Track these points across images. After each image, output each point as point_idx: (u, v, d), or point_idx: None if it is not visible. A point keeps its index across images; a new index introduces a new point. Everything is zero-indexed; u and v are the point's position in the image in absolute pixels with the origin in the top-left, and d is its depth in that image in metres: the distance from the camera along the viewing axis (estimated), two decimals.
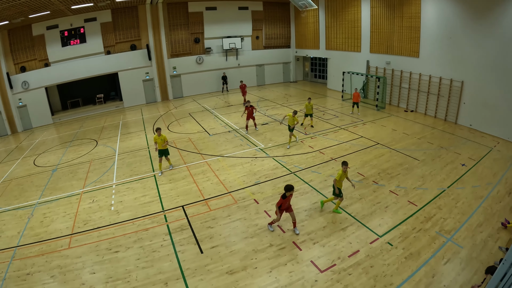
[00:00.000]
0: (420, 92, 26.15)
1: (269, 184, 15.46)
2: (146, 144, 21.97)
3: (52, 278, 10.05)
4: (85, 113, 33.63)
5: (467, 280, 9.27)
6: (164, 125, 26.61)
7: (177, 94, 38.34)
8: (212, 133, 23.63)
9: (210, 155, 19.24)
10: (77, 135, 26.04)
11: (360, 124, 24.16)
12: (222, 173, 16.78)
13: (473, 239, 10.98)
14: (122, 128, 26.78)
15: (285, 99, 34.29)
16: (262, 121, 25.62)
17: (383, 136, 21.22)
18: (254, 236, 11.71)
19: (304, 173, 16.38)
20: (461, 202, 13.20)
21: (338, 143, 20.24)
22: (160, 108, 33.87)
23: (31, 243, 11.89)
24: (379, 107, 28.20)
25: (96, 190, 15.81)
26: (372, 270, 9.90)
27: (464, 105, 22.71)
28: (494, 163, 16.57)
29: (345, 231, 11.72)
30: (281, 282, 9.59)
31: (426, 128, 22.65)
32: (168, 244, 11.47)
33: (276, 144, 20.69)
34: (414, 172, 16.00)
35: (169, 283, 9.70)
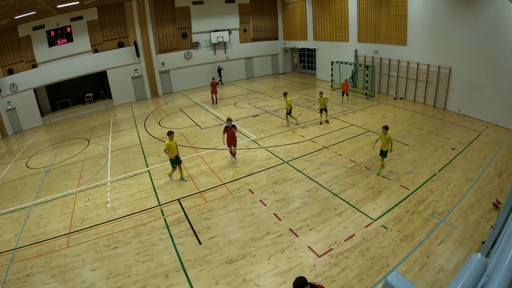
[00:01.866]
0: (409, 79, 26.34)
1: (263, 174, 15.58)
2: (139, 141, 21.97)
3: (52, 278, 10.07)
4: (75, 113, 33.44)
5: (462, 259, 9.47)
6: (155, 121, 26.61)
7: (166, 90, 38.28)
8: (204, 126, 23.71)
9: (203, 148, 19.30)
10: (68, 135, 25.91)
11: (350, 112, 24.35)
12: (215, 166, 16.88)
13: (466, 219, 11.20)
14: (113, 126, 26.69)
15: (274, 90, 34.41)
16: (253, 112, 25.73)
17: (373, 123, 21.41)
18: (251, 225, 11.83)
19: (297, 162, 16.52)
20: (452, 185, 13.41)
21: (329, 132, 20.40)
22: (150, 104, 33.81)
23: (29, 244, 11.88)
24: (368, 95, 28.38)
25: (91, 188, 15.79)
26: (369, 252, 10.07)
27: (452, 91, 22.90)
28: (483, 146, 16.80)
29: (340, 217, 11.87)
30: (280, 268, 9.73)
31: (415, 114, 22.85)
32: (167, 237, 11.54)
33: (268, 135, 20.82)
34: (405, 157, 16.21)
35: (169, 275, 9.79)
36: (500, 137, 17.95)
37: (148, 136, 22.87)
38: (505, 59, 18.63)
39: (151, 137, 22.55)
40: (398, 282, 2.73)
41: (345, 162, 16.14)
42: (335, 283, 9.04)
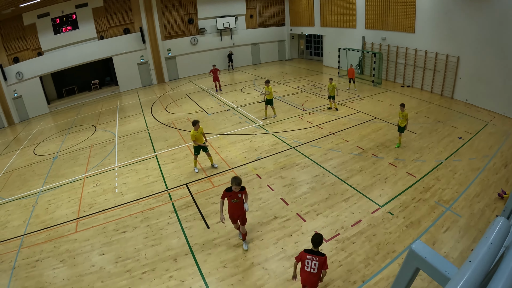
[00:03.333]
0: (416, 67, 26.02)
1: (270, 159, 15.57)
2: (145, 127, 21.98)
3: (61, 262, 10.16)
4: (81, 100, 33.49)
5: (466, 247, 9.49)
6: (162, 106, 26.61)
7: (172, 76, 38.19)
8: (211, 112, 23.66)
9: (210, 133, 19.25)
10: (75, 122, 25.99)
11: (357, 99, 24.18)
12: (223, 151, 16.90)
13: (471, 208, 11.18)
14: (119, 112, 26.74)
15: (281, 76, 34.22)
16: (259, 98, 25.60)
17: (380, 110, 21.26)
18: (258, 210, 11.88)
19: (304, 148, 16.48)
20: (459, 174, 13.36)
21: (336, 118, 20.30)
22: (156, 90, 33.80)
23: (37, 230, 11.97)
24: (375, 82, 28.13)
25: (99, 174, 15.86)
26: (375, 238, 10.11)
27: (460, 80, 22.60)
28: (489, 136, 16.64)
29: (347, 202, 11.88)
30: (288, 252, 9.78)
31: (422, 102, 22.66)
32: (175, 221, 11.61)
33: (274, 120, 20.76)
34: (412, 145, 16.12)
35: (178, 259, 9.85)
36: (507, 128, 17.74)
37: (155, 122, 22.87)
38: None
39: (158, 123, 22.55)
40: (422, 249, 2.76)
41: (352, 148, 16.10)
42: (342, 268, 9.09)
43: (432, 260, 2.75)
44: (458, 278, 1.94)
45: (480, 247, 2.11)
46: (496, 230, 2.22)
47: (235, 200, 9.23)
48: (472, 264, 2.00)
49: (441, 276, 2.67)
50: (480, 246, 2.12)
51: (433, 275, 2.76)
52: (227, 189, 9.17)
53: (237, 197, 9.18)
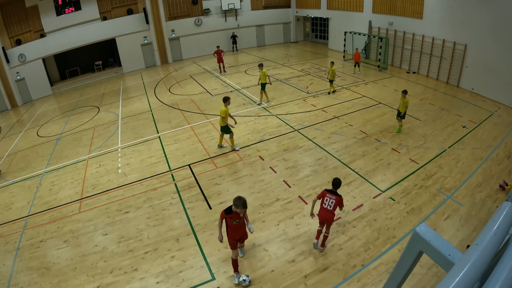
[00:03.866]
0: (423, 54, 25.66)
1: (273, 142, 15.57)
2: (149, 108, 21.94)
3: (65, 242, 10.25)
4: (85, 81, 33.41)
5: (466, 236, 9.54)
6: (165, 87, 26.53)
7: (176, 57, 37.96)
8: (214, 93, 23.58)
9: (214, 114, 19.22)
10: (78, 103, 25.96)
11: (362, 84, 24.01)
12: None
13: (472, 198, 11.19)
14: (123, 94, 26.70)
15: (286, 59, 33.95)
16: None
17: (385, 96, 21.13)
18: (261, 191, 11.92)
19: (307, 131, 16.46)
20: (461, 162, 13.33)
21: (340, 102, 20.22)
22: (160, 71, 33.65)
23: (41, 211, 12.06)
24: (381, 67, 27.90)
25: (102, 154, 15.90)
26: (376, 223, 10.17)
27: (466, 69, 22.27)
28: (494, 127, 16.49)
29: (349, 186, 11.90)
30: (289, 234, 9.85)
31: (428, 89, 22.45)
32: (177, 202, 11.67)
33: (278, 102, 20.72)
34: (415, 131, 16.07)
35: (180, 239, 9.93)
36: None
37: (158, 102, 22.83)
38: None
39: (162, 104, 22.50)
40: (426, 233, 2.74)
41: (355, 132, 16.06)
42: (342, 251, 9.16)
43: (436, 244, 2.73)
44: (465, 260, 1.92)
45: (487, 231, 2.10)
46: (503, 215, 2.20)
47: (237, 221, 7.95)
48: (479, 247, 1.98)
49: (445, 260, 2.65)
50: (487, 230, 2.10)
51: (437, 258, 2.74)
52: (227, 211, 7.85)
53: (239, 218, 7.94)
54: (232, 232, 8.09)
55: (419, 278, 7.99)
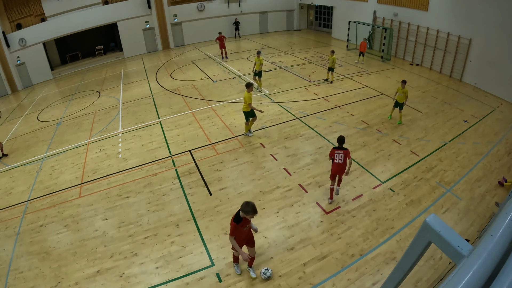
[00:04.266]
0: (427, 46, 25.44)
1: (275, 129, 15.58)
2: (150, 93, 21.86)
3: (65, 227, 10.29)
4: (85, 66, 33.19)
5: (464, 229, 9.61)
6: (167, 73, 26.39)
7: (178, 43, 37.70)
8: (216, 79, 23.48)
9: (215, 101, 19.20)
10: (79, 88, 25.86)
11: (365, 74, 23.89)
12: (227, 118, 16.86)
13: (472, 192, 11.23)
14: (124, 78, 26.58)
15: (288, 46, 33.72)
16: (266, 68, 25.32)
17: (387, 87, 21.02)
18: (261, 179, 11.94)
19: (309, 119, 16.44)
20: (462, 157, 13.35)
21: (342, 91, 20.16)
22: (161, 56, 33.45)
23: (42, 196, 12.08)
24: (384, 58, 27.71)
25: (103, 139, 15.88)
26: (375, 213, 10.23)
27: (470, 63, 22.09)
28: (496, 123, 16.45)
29: (349, 176, 11.82)
30: (288, 222, 9.90)
31: (430, 82, 22.36)
32: (178, 187, 11.69)
33: (280, 90, 20.64)
34: (417, 123, 16.07)
35: (180, 225, 9.97)
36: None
37: (159, 88, 22.74)
38: None
39: (163, 89, 22.41)
40: (436, 223, 2.74)
41: (357, 122, 16.05)
42: (341, 240, 9.22)
43: (446, 235, 2.73)
44: (480, 250, 1.90)
45: (500, 222, 2.08)
46: None
47: (246, 227, 7.51)
48: (494, 237, 1.96)
49: (454, 251, 2.64)
50: (500, 222, 2.08)
51: (446, 249, 2.74)
52: (237, 220, 7.20)
53: (248, 223, 7.53)
54: (240, 237, 7.51)
55: (416, 270, 7.97)
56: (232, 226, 7.18)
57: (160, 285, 8.08)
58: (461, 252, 2.55)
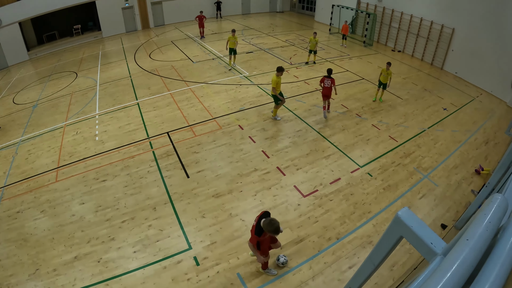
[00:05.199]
0: (410, 33, 25.66)
1: (253, 111, 15.55)
2: (128, 73, 21.46)
3: (42, 213, 10.13)
4: (63, 46, 32.32)
5: (440, 215, 9.87)
6: (146, 53, 25.93)
7: (158, 22, 36.99)
8: (196, 60, 23.20)
9: (194, 82, 19.00)
10: (56, 68, 25.19)
11: (346, 58, 24.03)
12: (206, 100, 16.72)
13: (448, 179, 11.50)
14: (102, 59, 26.00)
15: (270, 28, 33.54)
16: (247, 49, 25.27)
17: (368, 72, 21.22)
18: (239, 161, 11.94)
19: (288, 102, 16.40)
20: (440, 144, 13.61)
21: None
22: (140, 36, 32.83)
23: (18, 181, 11.80)
24: (366, 43, 27.91)
25: (80, 121, 15.58)
26: (352, 197, 10.37)
27: (452, 52, 22.41)
28: (475, 112, 16.80)
29: (328, 159, 12.07)
30: (266, 205, 9.95)
31: (412, 69, 22.62)
32: (155, 170, 11.61)
33: (260, 72, 20.56)
34: (397, 109, 16.28)
35: (157, 208, 9.93)
36: (493, 106, 17.91)
37: (138, 68, 22.35)
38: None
39: (141, 69, 22.03)
40: (409, 218, 2.69)
41: (336, 106, 16.20)
42: (318, 224, 9.32)
43: (418, 231, 2.67)
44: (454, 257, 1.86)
45: (478, 224, 2.03)
46: (494, 207, 2.13)
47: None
48: (470, 242, 1.91)
49: (426, 248, 2.59)
50: (478, 224, 2.03)
51: (418, 246, 2.69)
52: (258, 233, 6.75)
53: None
54: (264, 245, 7.18)
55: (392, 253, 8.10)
56: (254, 241, 6.93)
57: (138, 270, 8.06)
58: (434, 250, 2.52)
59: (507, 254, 1.94)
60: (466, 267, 1.79)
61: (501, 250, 1.98)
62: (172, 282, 7.73)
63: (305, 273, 7.95)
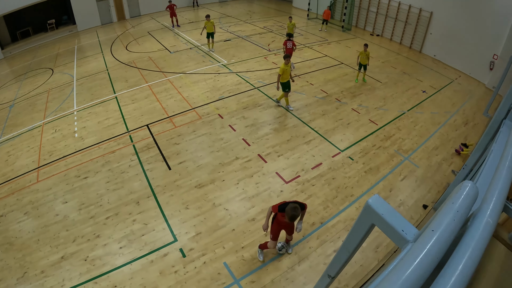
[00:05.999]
0: (388, 17, 25.81)
1: (233, 99, 15.53)
2: (105, 67, 21.15)
3: (25, 215, 10.00)
4: (37, 42, 31.64)
5: (421, 196, 10.10)
6: (122, 45, 25.57)
7: (134, 13, 36.38)
8: (173, 50, 22.96)
9: (172, 72, 18.84)
10: (31, 66, 24.67)
11: (325, 43, 24.10)
12: (185, 90, 16.61)
13: (429, 160, 11.73)
14: (78, 53, 25.53)
15: (248, 15, 33.37)
16: (225, 37, 25.12)
17: (347, 56, 21.34)
18: (220, 150, 11.96)
19: (267, 88, 16.50)
20: (420, 126, 13.84)
21: (302, 61, 20.33)
22: (116, 28, 32.31)
23: None
24: (345, 28, 27.97)
25: (58, 119, 15.35)
26: (334, 181, 10.50)
27: (430, 36, 22.68)
28: (454, 94, 17.07)
29: (309, 145, 12.18)
30: (249, 193, 10.02)
31: (390, 53, 22.81)
32: (136, 164, 11.54)
33: (239, 60, 20.49)
34: (376, 93, 16.45)
35: (140, 202, 9.91)
36: (471, 88, 18.20)
37: (115, 61, 22.04)
38: (489, 15, 18.16)
39: (118, 62, 21.74)
40: (379, 206, 2.68)
41: (316, 92, 16.25)
42: None
43: (389, 218, 2.66)
44: (418, 249, 1.84)
45: (445, 214, 1.99)
46: (463, 196, 2.10)
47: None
48: (435, 233, 1.88)
49: (398, 236, 2.58)
50: (445, 213, 2.00)
51: (389, 233, 2.69)
52: (280, 209, 6.77)
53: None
54: (279, 225, 7.29)
55: (376, 235, 8.37)
56: (273, 207, 6.98)
57: (125, 265, 8.06)
58: (405, 237, 2.52)
59: (476, 242, 1.94)
60: (432, 257, 1.79)
61: (470, 238, 1.98)
62: (160, 276, 7.76)
63: (290, 258, 8.04)
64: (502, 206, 2.37)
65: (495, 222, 2.15)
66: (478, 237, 1.98)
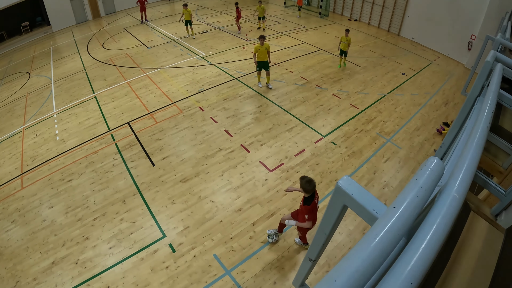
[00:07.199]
0: (365, 2, 25.95)
1: (213, 91, 15.51)
2: (82, 67, 20.86)
3: (13, 223, 9.92)
4: (12, 46, 31.10)
5: (405, 177, 10.26)
6: (99, 43, 25.24)
7: (109, 10, 35.88)
8: (150, 45, 22.77)
9: (150, 68, 18.71)
10: (7, 71, 24.27)
11: (302, 30, 24.18)
12: (164, 85, 16.52)
13: (411, 141, 11.93)
14: (54, 54, 25.12)
15: (225, 6, 33.27)
16: (202, 29, 25.00)
17: (325, 42, 21.46)
18: (202, 143, 11.98)
19: (247, 78, 16.55)
20: (400, 108, 14.03)
21: (280, 49, 20.39)
22: (92, 26, 31.82)
23: None
24: (322, 14, 28.06)
25: (38, 123, 15.17)
26: (318, 167, 10.61)
27: (408, 18, 22.89)
28: (433, 75, 17.31)
29: (291, 132, 12.28)
30: (234, 183, 10.08)
31: (369, 37, 22.99)
32: (120, 162, 11.50)
33: (217, 51, 20.43)
34: (355, 77, 16.59)
35: (126, 200, 9.89)
36: (450, 68, 18.44)
37: (92, 60, 21.77)
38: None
39: (96, 61, 21.48)
40: (349, 186, 2.68)
41: (296, 79, 16.33)
42: (287, 196, 9.52)
43: (359, 198, 2.66)
44: (380, 226, 1.86)
45: (408, 191, 2.00)
46: (428, 172, 2.11)
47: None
48: (397, 210, 1.90)
49: (369, 215, 2.60)
50: (408, 190, 2.01)
51: (361, 213, 2.70)
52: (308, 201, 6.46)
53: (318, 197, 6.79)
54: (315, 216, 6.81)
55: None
56: (307, 211, 6.49)
57: (116, 265, 8.07)
58: (376, 216, 2.55)
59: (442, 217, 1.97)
60: (393, 233, 1.82)
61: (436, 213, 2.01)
62: (152, 272, 7.79)
63: (279, 245, 8.12)
64: (470, 181, 2.40)
65: (462, 197, 2.18)
66: (444, 212, 2.00)
